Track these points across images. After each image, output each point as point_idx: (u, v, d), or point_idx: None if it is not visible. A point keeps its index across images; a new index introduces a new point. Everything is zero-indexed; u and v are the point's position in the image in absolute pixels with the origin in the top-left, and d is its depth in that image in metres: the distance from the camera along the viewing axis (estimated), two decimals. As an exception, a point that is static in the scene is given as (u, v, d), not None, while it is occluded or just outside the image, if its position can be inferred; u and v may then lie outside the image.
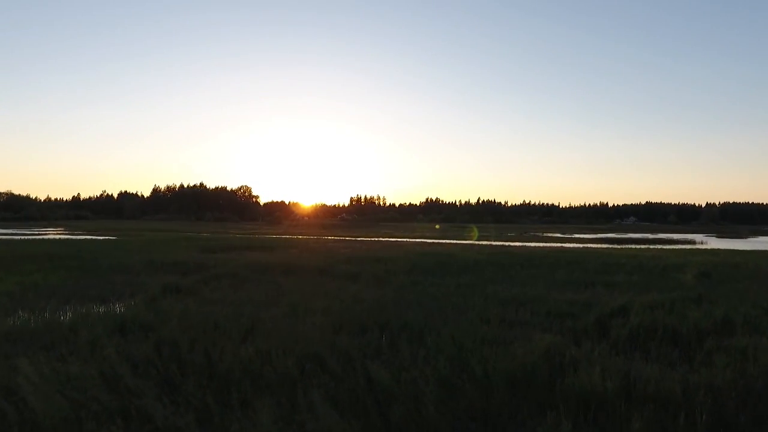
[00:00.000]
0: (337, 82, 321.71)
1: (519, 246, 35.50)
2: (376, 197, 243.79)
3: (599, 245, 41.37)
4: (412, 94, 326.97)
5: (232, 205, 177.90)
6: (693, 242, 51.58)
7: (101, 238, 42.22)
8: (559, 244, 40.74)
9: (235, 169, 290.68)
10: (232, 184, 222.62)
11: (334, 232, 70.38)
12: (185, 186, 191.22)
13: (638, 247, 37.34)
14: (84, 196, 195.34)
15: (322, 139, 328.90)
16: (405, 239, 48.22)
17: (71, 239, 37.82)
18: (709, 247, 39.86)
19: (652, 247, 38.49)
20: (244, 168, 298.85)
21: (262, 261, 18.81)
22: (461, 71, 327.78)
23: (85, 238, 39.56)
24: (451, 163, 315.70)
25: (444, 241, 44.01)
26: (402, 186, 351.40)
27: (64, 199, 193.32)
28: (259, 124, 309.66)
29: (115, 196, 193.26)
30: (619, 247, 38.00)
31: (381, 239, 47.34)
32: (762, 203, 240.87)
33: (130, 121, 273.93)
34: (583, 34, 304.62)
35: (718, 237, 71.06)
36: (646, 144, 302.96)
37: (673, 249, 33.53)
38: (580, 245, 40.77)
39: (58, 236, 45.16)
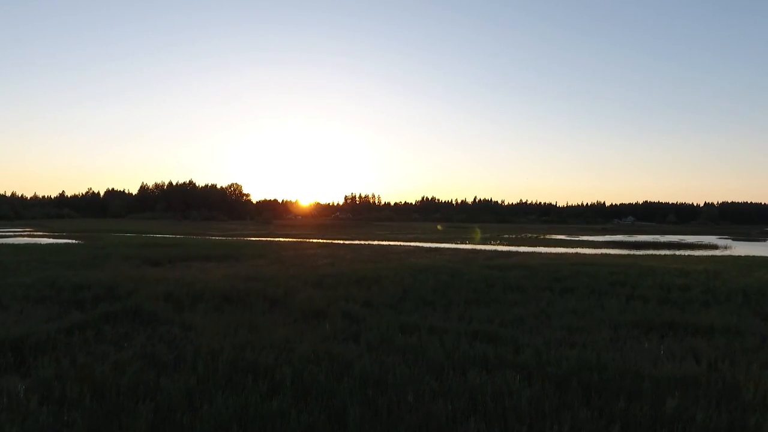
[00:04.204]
0: (333, 81, 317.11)
1: (530, 252, 30.76)
2: (371, 196, 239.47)
3: (618, 251, 36.69)
4: (408, 93, 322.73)
5: (221, 204, 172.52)
6: (716, 247, 46.97)
7: (53, 241, 37.20)
8: (573, 250, 36.01)
9: (229, 167, 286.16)
10: (225, 183, 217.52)
11: (324, 233, 65.55)
12: (174, 184, 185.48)
13: (667, 254, 32.67)
14: (70, 193, 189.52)
15: (317, 138, 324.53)
16: (399, 243, 43.40)
17: (4, 244, 32.35)
18: (744, 253, 35.15)
19: (679, 254, 33.83)
20: (238, 166, 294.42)
21: (203, 282, 13.91)
22: (458, 70, 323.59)
23: (29, 243, 34.42)
24: (448, 162, 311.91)
25: (443, 245, 39.20)
26: (398, 185, 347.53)
27: (52, 196, 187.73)
28: (254, 122, 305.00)
29: (102, 193, 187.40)
30: (641, 254, 33.35)
31: (372, 243, 42.53)
32: (760, 203, 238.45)
33: (121, 118, 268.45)
34: (579, 34, 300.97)
35: (733, 239, 66.58)
36: (643, 143, 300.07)
37: (710, 257, 28.85)
38: (597, 251, 36.10)
39: (3, 240, 40.02)
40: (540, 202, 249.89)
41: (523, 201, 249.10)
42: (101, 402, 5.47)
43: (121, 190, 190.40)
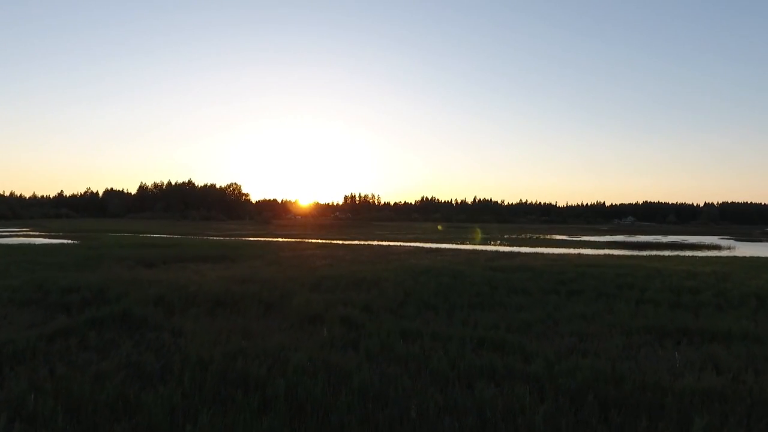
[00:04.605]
0: (333, 81, 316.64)
1: (532, 253, 30.29)
2: (371, 196, 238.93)
3: (621, 251, 36.25)
4: (408, 93, 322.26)
5: (220, 204, 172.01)
6: (719, 247, 46.51)
7: (47, 242, 36.72)
8: (575, 251, 35.56)
9: (228, 167, 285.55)
10: (224, 183, 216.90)
11: (323, 234, 65.07)
12: (173, 183, 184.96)
13: (672, 255, 32.22)
14: (69, 193, 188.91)
15: (317, 138, 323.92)
16: (399, 243, 42.93)
17: None
18: (749, 254, 34.67)
19: (683, 254, 33.41)
20: (238, 166, 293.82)
21: (196, 284, 13.42)
22: (458, 70, 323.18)
23: (23, 243, 33.90)
24: (447, 162, 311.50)
25: (443, 246, 38.76)
26: (397, 185, 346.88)
27: (51, 196, 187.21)
28: (254, 122, 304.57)
29: (101, 193, 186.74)
30: (645, 254, 32.89)
31: (372, 243, 42.06)
32: (761, 203, 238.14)
33: (120, 118, 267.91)
34: (580, 35, 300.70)
35: (735, 240, 66.13)
36: (643, 143, 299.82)
37: (716, 258, 28.38)
38: (599, 251, 35.65)
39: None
40: (540, 202, 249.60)
41: (523, 201, 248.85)
42: (76, 420, 5.01)
43: (120, 189, 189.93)
